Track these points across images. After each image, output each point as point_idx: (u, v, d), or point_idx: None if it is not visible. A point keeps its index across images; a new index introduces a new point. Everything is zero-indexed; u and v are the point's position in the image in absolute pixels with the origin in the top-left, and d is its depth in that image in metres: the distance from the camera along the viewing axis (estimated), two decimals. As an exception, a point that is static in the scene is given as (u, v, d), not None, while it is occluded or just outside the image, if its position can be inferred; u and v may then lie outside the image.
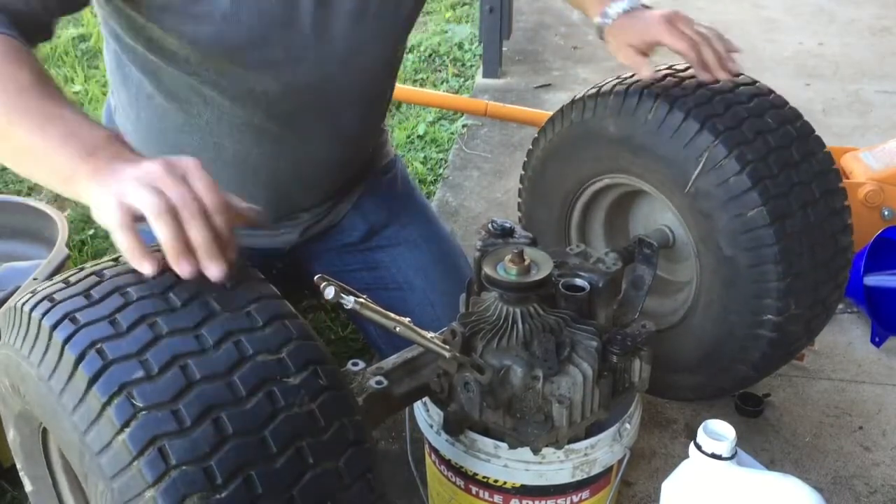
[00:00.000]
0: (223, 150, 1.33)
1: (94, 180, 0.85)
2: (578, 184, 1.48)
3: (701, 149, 1.24)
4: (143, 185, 0.81)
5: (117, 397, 0.72)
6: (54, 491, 1.02)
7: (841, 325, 1.82)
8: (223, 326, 0.79)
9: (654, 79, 1.33)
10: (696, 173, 1.25)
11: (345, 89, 1.33)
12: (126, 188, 0.81)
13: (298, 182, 1.42)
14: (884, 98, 3.05)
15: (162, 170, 0.83)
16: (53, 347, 0.76)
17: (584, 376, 1.01)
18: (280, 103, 1.29)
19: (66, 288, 0.82)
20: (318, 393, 0.78)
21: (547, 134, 1.49)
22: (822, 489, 1.42)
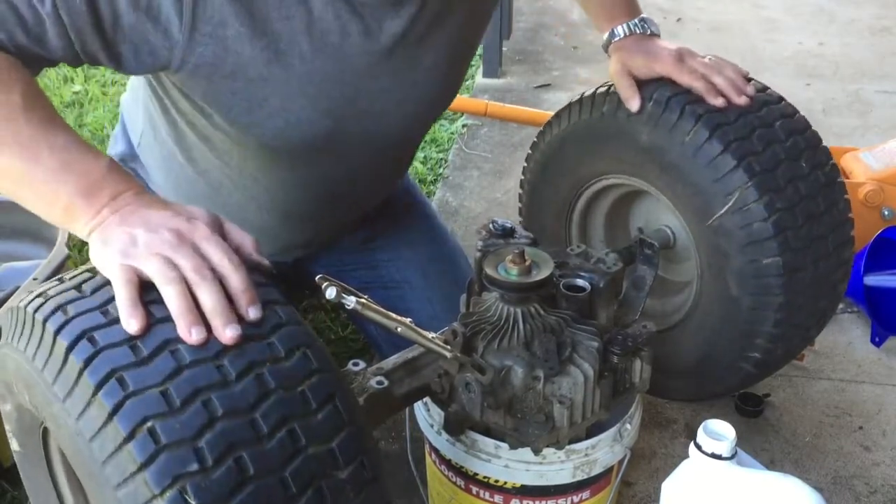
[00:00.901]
0: (248, 222, 1.33)
1: (97, 229, 0.82)
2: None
3: (733, 187, 1.22)
4: (152, 253, 0.78)
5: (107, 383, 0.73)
6: (54, 490, 1.02)
7: (841, 325, 1.83)
8: None
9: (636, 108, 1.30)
10: (723, 211, 1.24)
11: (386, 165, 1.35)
12: (134, 252, 0.79)
13: (319, 236, 1.45)
14: (884, 98, 3.06)
15: (172, 237, 0.79)
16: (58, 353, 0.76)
17: (585, 377, 1.02)
18: (314, 191, 1.29)
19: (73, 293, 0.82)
20: (308, 375, 0.78)
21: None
22: (822, 489, 1.42)
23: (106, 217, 0.82)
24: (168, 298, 0.76)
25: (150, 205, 0.84)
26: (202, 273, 0.78)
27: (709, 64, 1.30)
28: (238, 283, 0.79)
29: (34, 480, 1.03)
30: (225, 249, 0.81)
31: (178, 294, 0.76)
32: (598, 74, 3.17)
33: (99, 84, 3.04)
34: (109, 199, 0.83)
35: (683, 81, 1.28)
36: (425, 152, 2.64)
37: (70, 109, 2.90)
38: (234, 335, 0.76)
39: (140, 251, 0.79)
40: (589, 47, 3.54)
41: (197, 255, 0.79)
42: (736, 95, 1.27)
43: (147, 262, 0.78)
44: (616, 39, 1.38)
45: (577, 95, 1.45)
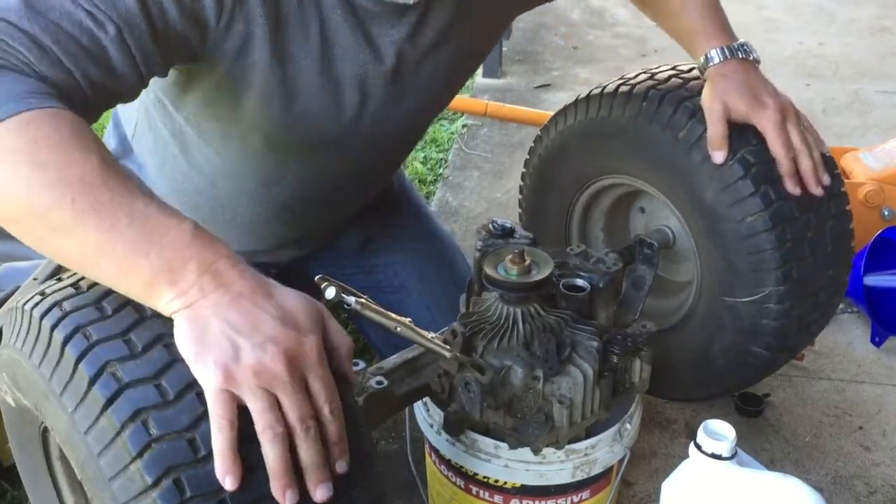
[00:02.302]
0: (239, 217, 1.33)
1: (183, 312, 0.74)
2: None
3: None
4: (259, 384, 0.71)
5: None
6: (54, 490, 1.02)
7: (841, 325, 1.83)
8: None
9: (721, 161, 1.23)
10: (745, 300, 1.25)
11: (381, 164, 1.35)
12: (236, 374, 0.71)
13: (311, 236, 1.45)
14: (884, 98, 3.06)
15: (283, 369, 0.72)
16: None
17: (585, 376, 1.02)
18: (308, 190, 1.29)
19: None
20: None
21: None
22: (822, 489, 1.42)
23: (195, 298, 0.74)
24: (268, 455, 0.72)
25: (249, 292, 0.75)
26: (306, 425, 0.73)
27: (805, 140, 1.23)
28: (335, 434, 0.75)
29: (34, 480, 1.03)
30: (331, 390, 0.75)
31: (278, 456, 0.71)
32: (598, 74, 3.17)
33: (99, 84, 3.04)
34: (197, 274, 0.74)
35: (776, 153, 1.21)
36: (425, 152, 2.64)
37: (70, 109, 2.89)
38: (326, 496, 0.73)
39: (245, 377, 0.71)
40: (589, 47, 3.54)
41: (304, 401, 0.73)
42: (814, 186, 1.23)
43: (252, 398, 0.71)
44: (714, 64, 1.26)
45: (577, 95, 1.45)
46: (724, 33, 1.30)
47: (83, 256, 0.78)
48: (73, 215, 0.75)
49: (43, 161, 0.75)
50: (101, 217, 0.75)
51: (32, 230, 0.78)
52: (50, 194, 0.75)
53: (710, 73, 1.27)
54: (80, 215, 0.75)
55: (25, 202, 0.75)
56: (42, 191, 0.75)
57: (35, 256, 1.63)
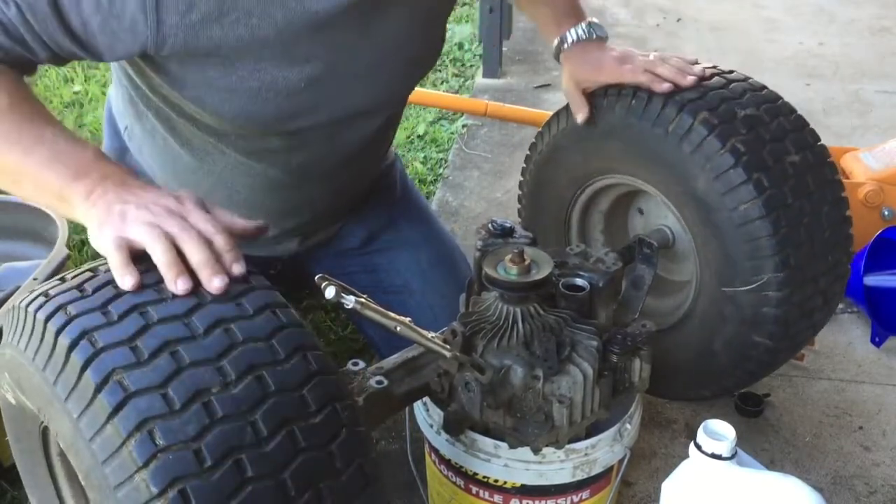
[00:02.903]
0: (236, 194, 1.32)
1: (90, 210, 0.88)
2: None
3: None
4: (141, 222, 0.84)
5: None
6: (54, 490, 1.02)
7: (841, 325, 1.82)
8: (214, 314, 0.79)
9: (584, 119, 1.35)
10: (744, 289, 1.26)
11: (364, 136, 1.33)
12: (124, 225, 0.84)
13: (309, 214, 1.44)
14: (884, 98, 3.05)
15: (161, 210, 0.85)
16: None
17: (585, 376, 1.01)
18: (298, 157, 1.29)
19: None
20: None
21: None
22: (822, 489, 1.42)
23: (98, 199, 0.87)
24: (154, 254, 0.82)
25: (139, 185, 0.90)
26: (188, 232, 0.83)
27: (650, 60, 1.32)
28: (223, 243, 0.85)
29: (34, 480, 1.03)
30: (210, 217, 0.87)
31: (163, 249, 0.82)
32: (598, 74, 3.17)
33: (99, 84, 3.04)
34: (98, 181, 0.89)
35: (628, 80, 1.30)
36: (425, 152, 2.64)
37: (70, 109, 2.90)
38: (222, 285, 0.82)
39: (131, 222, 0.84)
40: (589, 47, 3.53)
41: (183, 221, 0.85)
42: (681, 78, 1.28)
43: (137, 229, 0.83)
44: (564, 48, 1.39)
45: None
46: (574, 16, 1.40)
47: (8, 179, 0.95)
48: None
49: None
50: (13, 144, 0.92)
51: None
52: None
53: (562, 57, 1.40)
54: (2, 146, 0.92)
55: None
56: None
57: (35, 256, 1.64)
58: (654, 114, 1.28)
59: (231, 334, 0.78)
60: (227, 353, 0.77)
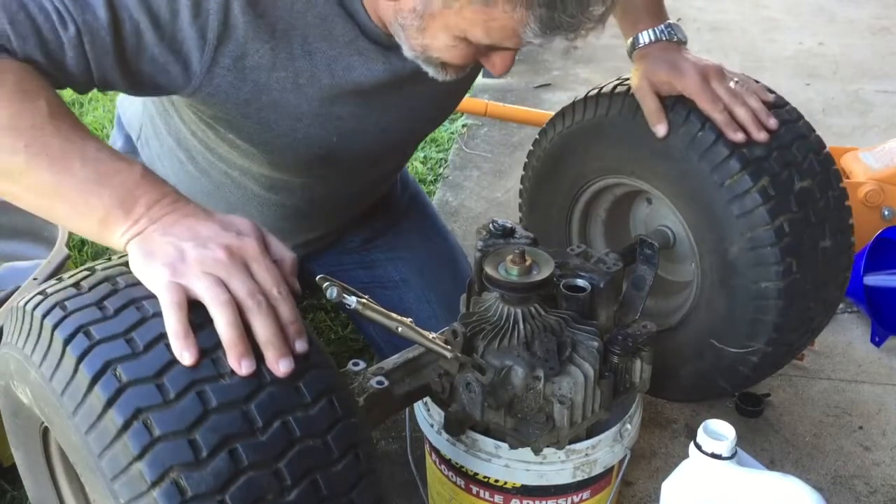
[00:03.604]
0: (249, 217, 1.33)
1: (136, 239, 0.79)
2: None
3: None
4: (202, 271, 0.75)
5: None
6: (54, 490, 1.02)
7: (841, 325, 1.83)
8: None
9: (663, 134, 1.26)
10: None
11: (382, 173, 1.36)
12: (183, 269, 0.75)
13: (320, 233, 1.46)
14: (884, 98, 3.06)
15: (224, 255, 0.76)
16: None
17: (586, 377, 1.01)
18: (315, 192, 1.30)
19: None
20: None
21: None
22: (822, 489, 1.42)
23: (145, 227, 0.79)
24: (219, 324, 0.73)
25: (193, 214, 0.80)
26: (256, 299, 0.75)
27: (734, 91, 1.24)
28: (288, 313, 0.77)
29: (34, 480, 1.03)
30: (276, 275, 0.78)
31: (230, 322, 0.73)
32: (598, 74, 3.17)
33: (99, 84, 3.04)
34: (147, 207, 0.80)
35: (704, 109, 1.23)
36: (425, 152, 2.64)
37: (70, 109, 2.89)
38: (288, 370, 0.75)
39: (190, 268, 0.75)
40: (589, 47, 3.53)
41: (250, 279, 0.76)
42: (756, 130, 1.22)
43: (198, 281, 0.74)
44: (640, 46, 1.31)
45: (577, 95, 1.45)
46: (654, 16, 1.33)
47: (39, 199, 0.83)
48: (27, 160, 0.79)
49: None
50: (54, 161, 0.80)
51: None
52: (2, 141, 0.79)
53: (636, 55, 1.32)
54: (34, 160, 0.80)
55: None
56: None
57: (35, 256, 1.64)
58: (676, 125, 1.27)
59: None
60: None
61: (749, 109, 1.24)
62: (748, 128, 1.23)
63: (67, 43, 0.89)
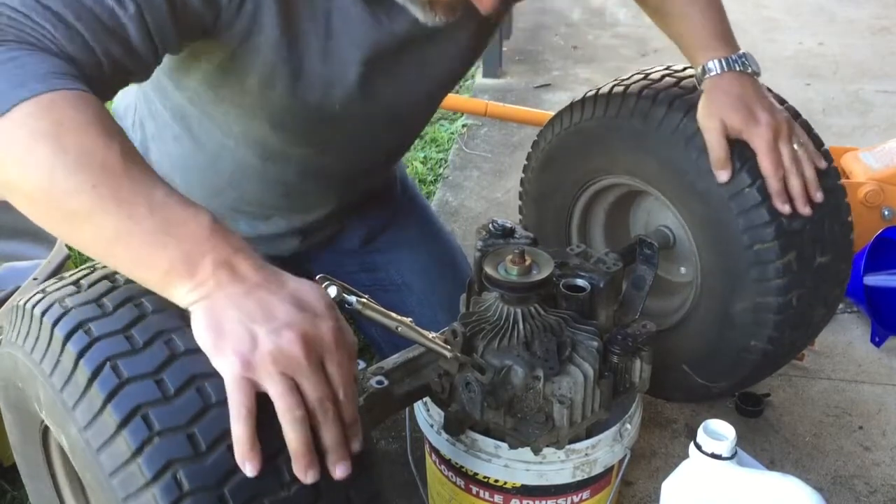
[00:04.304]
0: (246, 193, 1.33)
1: (201, 303, 0.74)
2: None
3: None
4: (277, 370, 0.71)
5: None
6: (54, 490, 1.02)
7: (841, 325, 1.83)
8: None
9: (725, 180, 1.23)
10: None
11: (381, 147, 1.34)
12: (255, 362, 0.71)
13: (319, 215, 1.44)
14: (884, 98, 3.06)
15: (300, 352, 0.72)
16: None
17: (585, 376, 1.02)
18: (314, 164, 1.29)
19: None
20: None
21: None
22: (822, 489, 1.42)
23: (212, 291, 0.74)
24: (289, 437, 0.72)
25: (265, 283, 0.76)
26: (325, 407, 0.73)
27: (796, 158, 1.22)
28: (351, 415, 0.76)
29: (34, 480, 1.03)
30: (347, 374, 0.76)
31: (300, 437, 0.72)
32: (598, 74, 3.18)
33: (99, 84, 3.04)
34: (213, 266, 0.75)
35: (764, 170, 1.21)
36: (425, 152, 2.64)
37: (70, 109, 2.89)
38: (344, 474, 0.74)
39: (262, 362, 0.71)
40: (589, 47, 3.54)
41: (323, 383, 0.73)
42: (801, 205, 1.22)
43: (271, 383, 0.71)
44: (711, 75, 1.25)
45: (577, 95, 1.45)
46: (725, 42, 1.27)
47: (99, 243, 0.77)
48: (93, 201, 0.74)
49: (66, 145, 0.75)
50: (121, 205, 0.74)
51: (50, 214, 0.77)
52: (72, 178, 0.74)
53: (707, 85, 1.26)
54: (101, 202, 0.74)
55: (46, 185, 0.74)
56: (64, 175, 0.74)
57: (35, 256, 1.64)
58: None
59: None
60: None
61: (802, 182, 1.22)
62: (796, 201, 1.22)
63: (129, 21, 0.87)
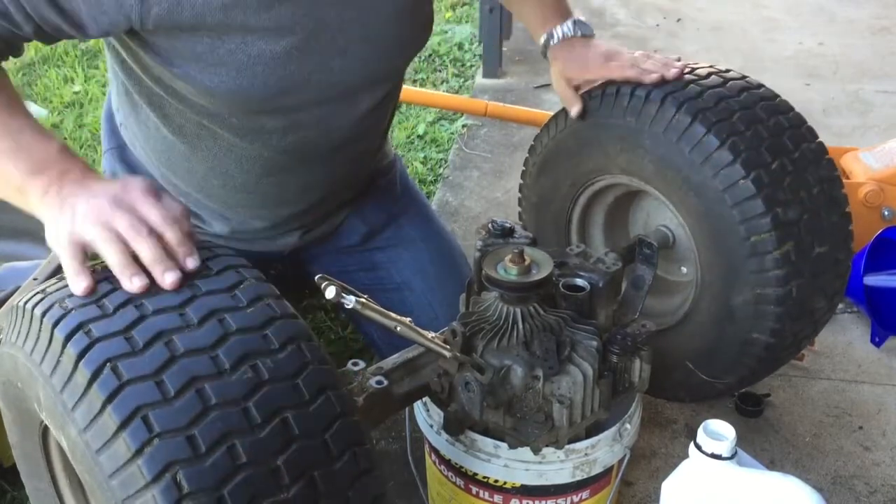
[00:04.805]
0: (231, 178, 1.32)
1: (45, 206, 0.89)
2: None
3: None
4: (90, 220, 0.85)
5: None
6: (54, 490, 1.02)
7: (841, 325, 1.82)
8: (208, 306, 0.80)
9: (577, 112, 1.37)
10: None
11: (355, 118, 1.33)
12: (76, 223, 0.86)
13: (306, 202, 1.43)
14: (884, 98, 3.06)
15: (107, 202, 0.86)
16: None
17: (585, 376, 1.02)
18: (291, 138, 1.28)
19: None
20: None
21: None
22: (822, 489, 1.42)
23: (53, 196, 0.89)
24: (107, 257, 0.84)
25: (94, 178, 0.91)
26: (137, 229, 0.85)
27: (635, 56, 1.36)
28: (173, 237, 0.86)
29: (34, 480, 1.03)
30: (158, 208, 0.87)
31: (115, 251, 0.84)
32: (598, 74, 3.17)
33: (99, 84, 3.04)
34: (56, 177, 0.90)
35: (616, 76, 1.34)
36: (425, 152, 2.64)
37: (70, 109, 2.90)
38: (174, 280, 0.83)
39: (80, 220, 0.86)
40: (589, 47, 3.52)
41: (132, 215, 0.86)
42: (667, 70, 1.32)
43: (87, 229, 0.85)
44: (551, 44, 1.42)
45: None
46: (560, 15, 1.42)
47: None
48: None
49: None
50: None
51: None
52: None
53: (550, 55, 1.43)
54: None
55: None
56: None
57: (35, 256, 1.63)
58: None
59: (225, 324, 0.79)
60: (221, 342, 0.78)
61: (655, 61, 1.34)
62: (661, 70, 1.32)
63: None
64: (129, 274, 0.83)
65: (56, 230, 0.87)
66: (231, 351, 0.77)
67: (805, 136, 1.31)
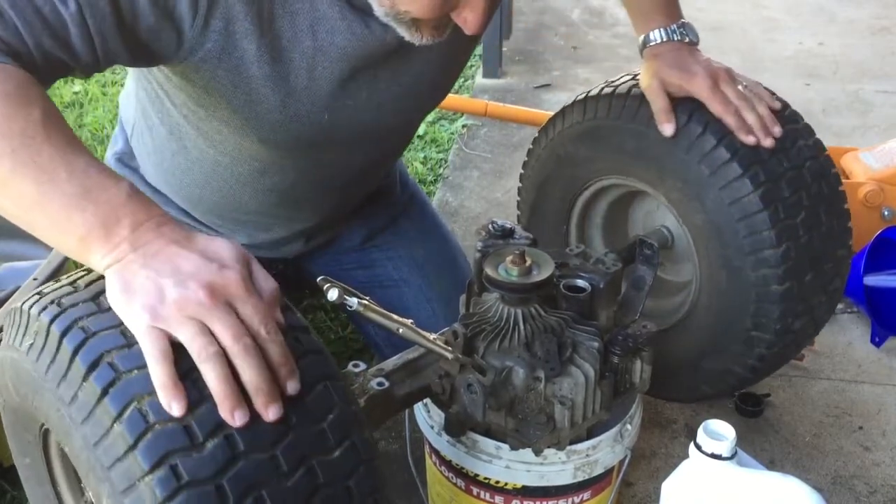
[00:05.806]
0: (244, 205, 1.33)
1: (115, 267, 0.76)
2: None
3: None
4: (185, 315, 0.72)
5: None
6: (53, 490, 1.02)
7: (841, 325, 1.83)
8: None
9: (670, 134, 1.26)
10: None
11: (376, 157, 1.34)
12: (163, 312, 0.72)
13: (316, 219, 1.44)
14: (884, 98, 3.06)
15: (205, 297, 0.72)
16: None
17: (586, 377, 1.02)
18: (312, 174, 1.29)
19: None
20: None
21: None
22: (822, 489, 1.42)
23: (125, 254, 0.76)
24: (208, 378, 0.71)
25: (176, 241, 0.77)
26: (243, 343, 0.72)
27: (743, 96, 1.26)
28: (277, 353, 0.74)
29: (34, 481, 1.03)
30: (262, 311, 0.75)
31: (219, 375, 0.71)
32: (598, 74, 3.17)
33: (99, 84, 3.04)
34: (129, 230, 0.76)
35: (715, 111, 1.24)
36: (425, 152, 2.64)
37: (70, 109, 2.90)
38: (277, 416, 0.73)
39: (170, 311, 0.72)
40: (589, 47, 3.54)
41: (234, 320, 0.73)
42: (763, 136, 1.24)
43: (180, 328, 0.72)
44: (651, 45, 1.33)
45: (577, 95, 1.45)
46: (667, 14, 1.34)
47: (20, 208, 0.80)
48: (13, 166, 0.77)
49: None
50: (40, 170, 0.77)
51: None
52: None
53: (646, 54, 1.33)
54: (20, 167, 0.77)
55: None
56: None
57: (35, 256, 1.64)
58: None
59: None
60: None
61: (758, 116, 1.25)
62: (757, 133, 1.24)
63: (70, 20, 0.88)
64: (232, 406, 0.71)
65: (134, 311, 0.73)
66: None
67: (803, 132, 1.31)
